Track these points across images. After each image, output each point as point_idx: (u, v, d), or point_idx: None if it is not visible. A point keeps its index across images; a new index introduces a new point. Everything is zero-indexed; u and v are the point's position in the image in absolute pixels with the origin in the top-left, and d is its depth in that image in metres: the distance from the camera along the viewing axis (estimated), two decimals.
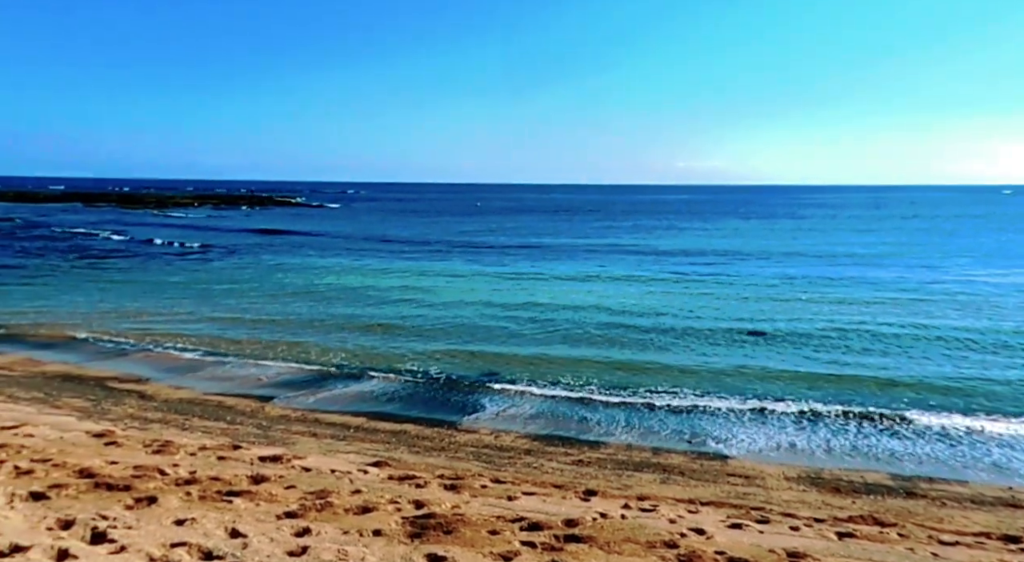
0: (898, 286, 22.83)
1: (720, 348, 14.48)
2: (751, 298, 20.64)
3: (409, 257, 31.90)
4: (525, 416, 10.28)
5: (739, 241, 41.11)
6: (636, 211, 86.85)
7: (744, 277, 25.21)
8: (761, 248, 36.42)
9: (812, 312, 18.32)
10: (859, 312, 18.23)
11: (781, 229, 53.50)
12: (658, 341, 15.02)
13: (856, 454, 8.77)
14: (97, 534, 4.28)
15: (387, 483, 6.22)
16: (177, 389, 10.93)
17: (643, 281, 24.14)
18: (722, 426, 9.91)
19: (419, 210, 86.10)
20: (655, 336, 15.47)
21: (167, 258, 30.49)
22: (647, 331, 16.01)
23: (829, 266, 28.79)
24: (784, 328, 16.30)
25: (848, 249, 36.07)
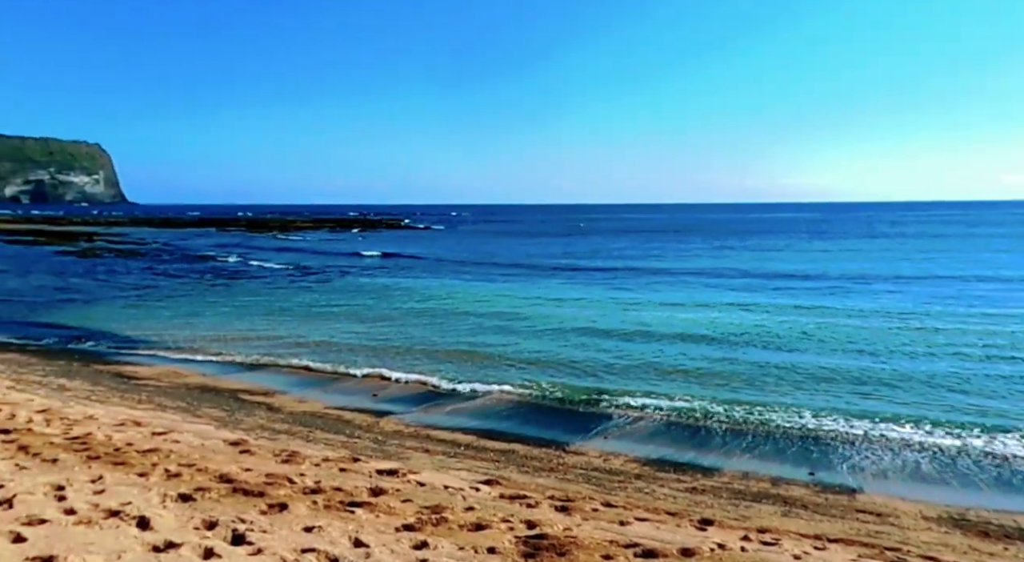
0: None
1: (844, 376, 13.61)
2: (881, 325, 19.31)
3: (514, 279, 32.31)
4: (634, 440, 10.10)
5: (865, 263, 38.63)
6: (746, 230, 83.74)
7: (873, 301, 23.64)
8: (891, 270, 34.01)
9: (952, 338, 16.88)
10: (1007, 340, 16.61)
11: (909, 249, 49.87)
12: (775, 367, 14.32)
13: (1007, 494, 7.95)
14: (237, 536, 4.60)
15: (498, 501, 6.28)
16: (300, 402, 11.59)
17: (758, 305, 23.16)
18: (848, 456, 9.29)
19: (523, 231, 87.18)
20: (771, 361, 14.77)
21: (289, 279, 32.52)
22: (763, 356, 15.32)
23: (968, 288, 26.49)
24: (918, 353, 15.12)
25: (995, 271, 33.06)
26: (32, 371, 12.45)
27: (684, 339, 17.17)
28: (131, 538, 4.38)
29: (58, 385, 11.15)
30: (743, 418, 10.91)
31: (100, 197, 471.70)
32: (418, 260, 43.71)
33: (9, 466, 5.85)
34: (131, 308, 23.05)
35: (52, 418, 8.13)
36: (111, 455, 6.55)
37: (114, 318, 20.82)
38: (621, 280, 31.10)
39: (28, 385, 10.84)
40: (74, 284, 30.00)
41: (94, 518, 4.67)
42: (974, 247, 49.59)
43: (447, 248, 54.30)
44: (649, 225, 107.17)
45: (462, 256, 45.94)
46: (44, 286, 29.01)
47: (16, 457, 6.19)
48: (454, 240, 66.33)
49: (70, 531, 4.40)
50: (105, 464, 6.20)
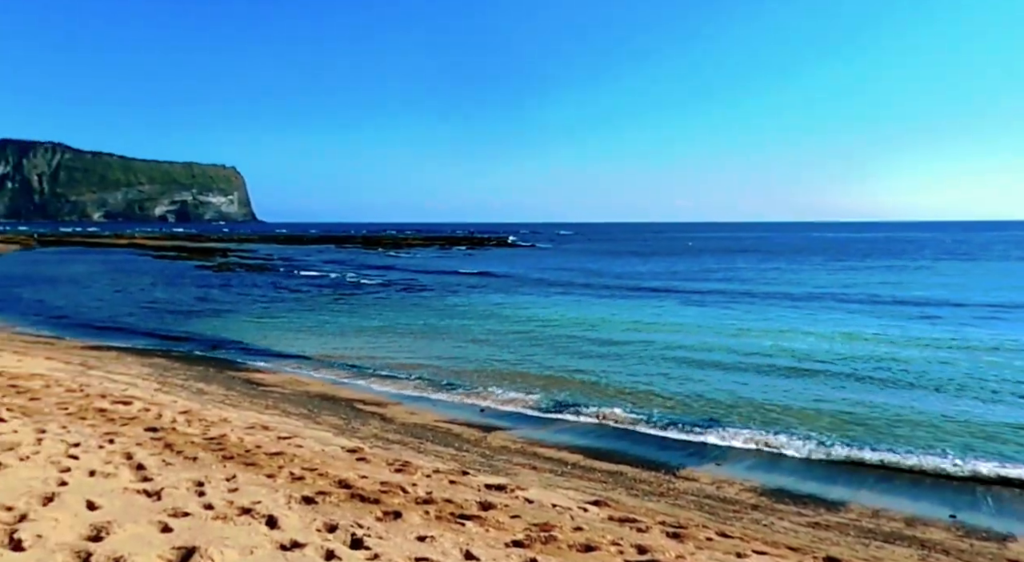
0: None
1: (991, 407, 12.38)
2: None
3: (621, 299, 31.91)
4: (749, 468, 9.63)
5: (1011, 292, 35.17)
6: (867, 251, 78.47)
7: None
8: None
9: None
10: None
11: None
12: (910, 396, 13.26)
13: None
14: (356, 540, 4.78)
15: (607, 523, 6.17)
16: (411, 414, 11.95)
17: (892, 333, 21.58)
18: (997, 499, 8.41)
19: (630, 251, 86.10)
20: (905, 390, 13.70)
21: (401, 295, 33.76)
22: (895, 384, 14.24)
23: None
24: None
25: None
26: (175, 375, 13.61)
27: (805, 367, 16.25)
28: (261, 535, 4.66)
29: (197, 389, 12.12)
30: (872, 452, 10.15)
31: (234, 216, 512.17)
32: (524, 279, 44.15)
33: (157, 461, 6.40)
34: (259, 319, 24.75)
35: (192, 419, 8.84)
36: (243, 456, 7.02)
37: (244, 328, 22.43)
38: (735, 303, 29.95)
39: (172, 388, 11.86)
40: (210, 296, 32.64)
41: (229, 514, 5.01)
42: None
43: (553, 267, 54.50)
44: (763, 244, 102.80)
45: (567, 275, 45.93)
46: (184, 298, 31.75)
47: (163, 454, 6.77)
48: (561, 259, 66.48)
49: (209, 525, 4.75)
50: (238, 464, 6.66)
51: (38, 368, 12.16)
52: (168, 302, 29.98)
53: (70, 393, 9.82)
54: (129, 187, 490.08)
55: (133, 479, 5.74)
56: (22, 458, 6.00)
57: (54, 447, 6.49)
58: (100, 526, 4.42)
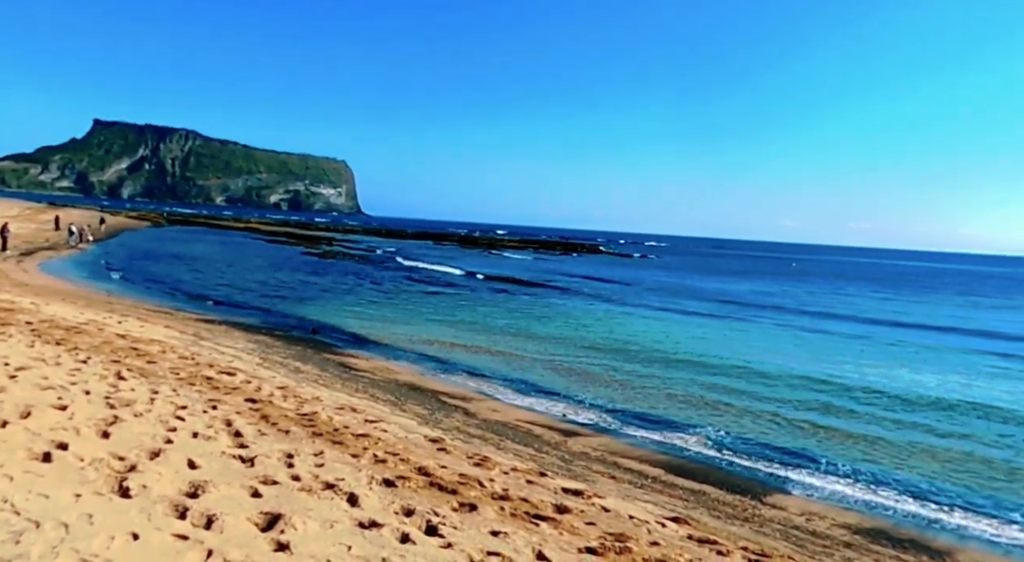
0: None
1: None
2: None
3: (716, 315, 30.90)
4: (843, 504, 9.05)
5: None
6: (996, 288, 72.08)
7: None
8: None
9: None
10: None
11: None
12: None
13: None
14: (431, 527, 4.85)
15: (686, 542, 5.95)
16: (494, 411, 12.03)
17: (1005, 368, 19.76)
18: None
19: (732, 269, 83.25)
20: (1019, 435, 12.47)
21: (493, 294, 34.14)
22: (1007, 428, 12.99)
23: None
24: None
25: None
26: (276, 352, 14.35)
27: (903, 403, 15.12)
28: (342, 511, 4.81)
29: (294, 367, 12.73)
30: (985, 506, 9.28)
31: (341, 208, 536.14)
32: (615, 284, 43.59)
33: (253, 431, 6.75)
34: (356, 306, 25.74)
35: (288, 395, 9.28)
36: (331, 434, 7.28)
37: (342, 314, 23.39)
38: (840, 328, 28.31)
39: (272, 364, 12.51)
40: (314, 281, 34.28)
41: (314, 487, 5.21)
42: None
43: (650, 277, 53.52)
44: (867, 272, 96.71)
45: (661, 287, 44.98)
46: (290, 281, 33.50)
47: (259, 424, 7.14)
48: (658, 270, 65.25)
49: (295, 495, 4.95)
50: (326, 441, 6.92)
51: (157, 335, 13.16)
52: (275, 284, 31.73)
53: (182, 360, 10.56)
54: (249, 175, 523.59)
55: (231, 444, 6.08)
56: (136, 414, 6.49)
57: (164, 407, 6.99)
58: (198, 484, 4.70)
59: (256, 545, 3.91)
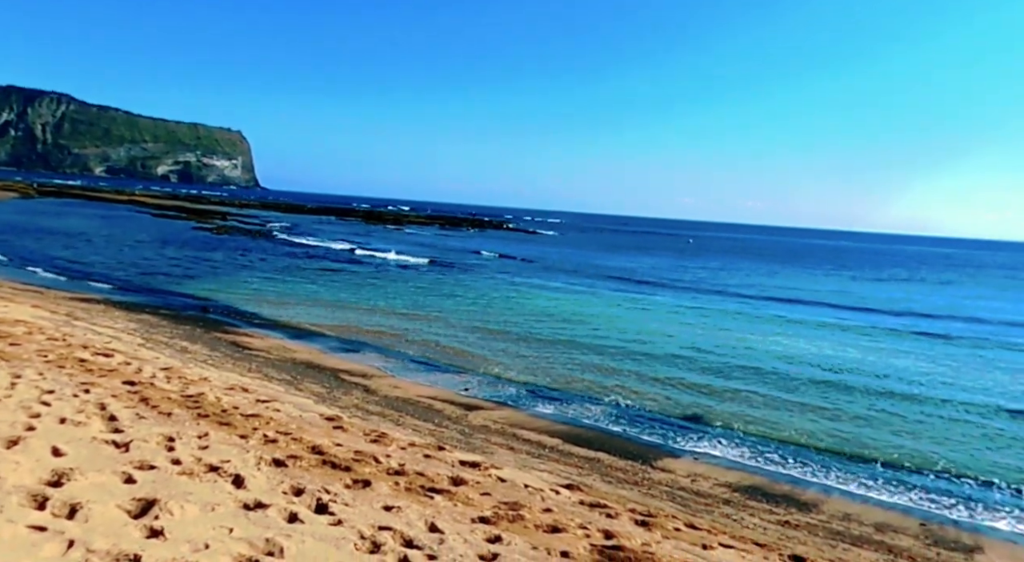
0: None
1: (967, 421, 12.40)
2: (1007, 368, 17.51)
3: (617, 289, 31.90)
4: (726, 465, 9.65)
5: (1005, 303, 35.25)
6: (884, 262, 78.42)
7: (1001, 341, 21.50)
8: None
9: None
10: None
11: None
12: (889, 404, 13.28)
13: None
14: (321, 505, 4.76)
15: (578, 507, 6.16)
16: (395, 387, 11.93)
17: (874, 337, 21.62)
18: (970, 513, 8.43)
19: (631, 245, 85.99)
20: (887, 401, 13.71)
21: (399, 271, 33.68)
22: (876, 392, 14.26)
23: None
24: None
25: None
26: (161, 332, 13.55)
27: (791, 366, 16.27)
28: (226, 493, 4.63)
29: (181, 347, 12.08)
30: (850, 458, 10.17)
31: (236, 181, 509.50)
32: (529, 261, 44.07)
33: (131, 415, 6.36)
34: (253, 284, 24.68)
35: (172, 376, 8.80)
36: (218, 415, 6.98)
37: (235, 292, 22.36)
38: (732, 302, 29.94)
39: (156, 344, 11.81)
40: (205, 257, 32.53)
41: (196, 471, 4.98)
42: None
43: (558, 253, 54.45)
44: (758, 247, 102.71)
45: (571, 262, 45.92)
46: (180, 257, 31.63)
47: (138, 407, 6.73)
48: (565, 246, 66.42)
49: (174, 480, 4.72)
50: (212, 423, 6.62)
51: (23, 315, 12.10)
52: (163, 261, 29.88)
53: (51, 341, 9.76)
54: (133, 144, 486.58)
55: (103, 429, 5.70)
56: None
57: (27, 393, 6.45)
58: (62, 472, 4.38)
59: (125, 533, 3.69)
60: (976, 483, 9.35)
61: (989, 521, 8.20)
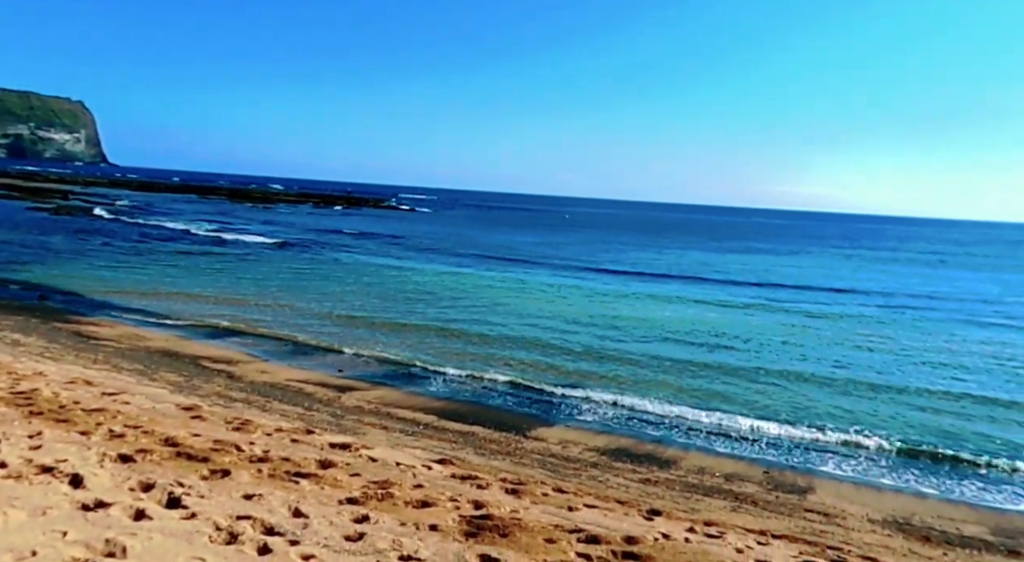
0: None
1: (810, 379, 13.76)
2: (841, 333, 19.58)
3: (493, 266, 32.25)
4: (595, 430, 10.11)
5: (843, 275, 39.12)
6: (738, 235, 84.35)
7: (836, 311, 23.96)
8: (857, 283, 34.49)
9: (910, 347, 17.16)
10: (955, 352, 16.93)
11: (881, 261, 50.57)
12: (742, 368, 14.43)
13: (953, 502, 8.07)
14: (173, 499, 4.49)
15: (449, 481, 6.23)
16: (262, 373, 11.44)
17: (731, 306, 23.35)
18: (804, 458, 9.40)
19: (508, 220, 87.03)
20: (739, 362, 14.88)
21: (267, 251, 32.12)
22: (731, 357, 15.43)
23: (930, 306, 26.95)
24: (875, 365, 15.34)
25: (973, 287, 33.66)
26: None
27: (656, 335, 17.24)
28: (60, 495, 4.26)
29: (12, 340, 10.89)
30: (707, 416, 10.98)
31: (80, 156, 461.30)
32: (399, 240, 43.42)
33: None
34: (100, 269, 22.62)
35: (0, 372, 7.93)
36: (55, 412, 6.39)
37: (82, 277, 20.41)
38: (601, 274, 31.15)
39: None
40: (43, 241, 29.36)
41: (25, 473, 4.54)
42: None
43: (430, 231, 54.03)
44: (636, 222, 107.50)
45: (443, 240, 45.74)
46: (11, 241, 28.35)
47: None
48: (438, 224, 66.03)
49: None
50: (47, 420, 6.05)
51: None
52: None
53: None
54: None
55: None
56: None
57: None
58: None
59: None
60: (811, 431, 10.41)
61: (819, 465, 9.18)
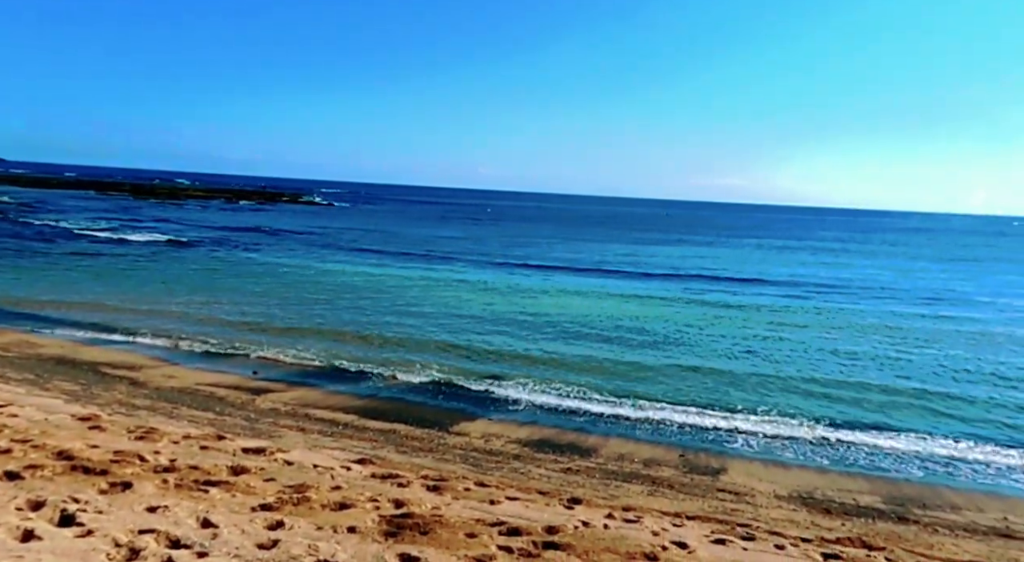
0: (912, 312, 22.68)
1: (720, 365, 14.34)
2: (752, 319, 20.53)
3: (412, 261, 31.92)
4: (518, 423, 10.18)
5: (749, 264, 40.94)
6: (644, 226, 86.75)
7: (748, 297, 25.10)
8: (757, 270, 36.25)
9: (811, 334, 18.18)
10: (858, 336, 18.09)
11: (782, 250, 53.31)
12: (658, 357, 14.88)
13: (851, 476, 8.62)
14: (66, 516, 4.21)
15: (369, 481, 6.13)
16: (169, 378, 10.89)
17: (648, 297, 24.04)
18: (717, 441, 9.79)
19: (429, 215, 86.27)
20: (655, 352, 15.34)
21: (169, 250, 30.59)
22: (648, 346, 15.89)
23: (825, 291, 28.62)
24: (781, 349, 16.18)
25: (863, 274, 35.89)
26: None
27: (575, 328, 17.53)
28: None
29: None
30: (627, 405, 11.26)
31: None
32: (316, 236, 42.28)
33: None
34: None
35: None
36: None
37: None
38: (522, 268, 31.37)
39: None
40: None
41: None
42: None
43: (349, 226, 52.86)
44: (557, 215, 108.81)
45: (362, 236, 44.87)
46: None
47: None
48: (358, 219, 64.69)
49: None
50: None
51: None
52: None
53: None
54: None
55: None
56: None
57: None
58: None
59: None
60: (724, 414, 10.86)
61: (731, 445, 9.60)
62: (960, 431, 10.58)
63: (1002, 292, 29.49)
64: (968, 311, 23.25)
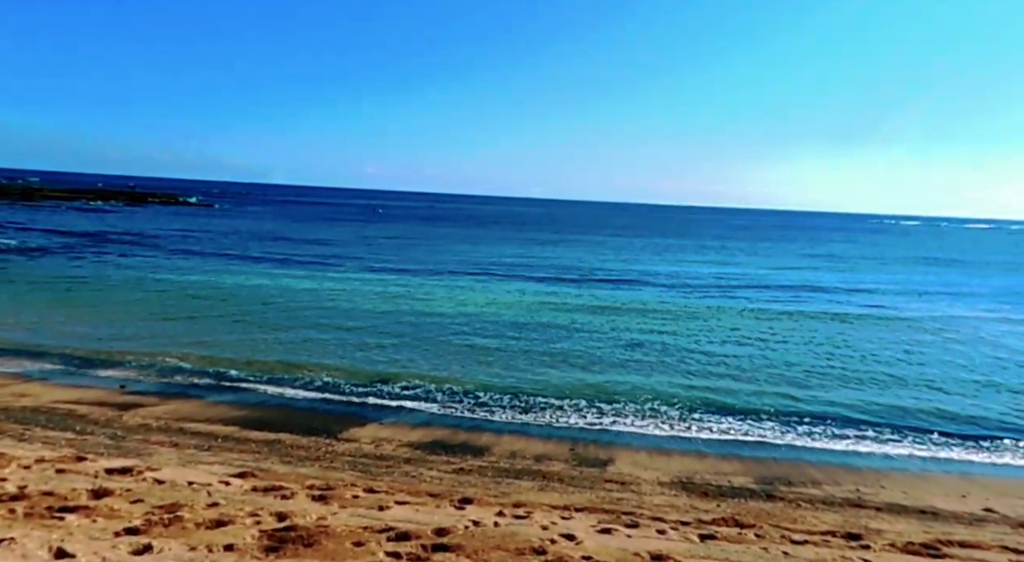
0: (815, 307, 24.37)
1: (607, 361, 14.84)
2: (648, 316, 21.40)
3: (298, 264, 30.82)
4: (410, 425, 10.05)
5: (649, 260, 42.54)
6: (566, 225, 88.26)
7: (644, 296, 26.12)
8: (657, 268, 37.90)
9: (701, 328, 19.21)
10: (761, 331, 19.30)
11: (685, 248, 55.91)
12: (549, 355, 15.18)
13: (727, 459, 9.17)
14: None
15: (249, 495, 5.85)
16: (21, 396, 9.89)
17: (538, 296, 24.47)
18: (605, 434, 10.11)
19: (316, 215, 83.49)
20: (547, 350, 15.64)
21: (23, 260, 27.85)
22: (539, 345, 16.17)
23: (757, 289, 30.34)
24: (672, 344, 16.98)
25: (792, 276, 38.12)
26: None
27: (467, 329, 17.56)
28: None
29: None
30: (519, 402, 11.39)
31: None
32: (191, 240, 39.81)
33: None
34: None
35: None
36: None
37: None
38: (406, 269, 31.05)
39: None
40: None
41: None
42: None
43: (231, 228, 50.19)
44: (449, 215, 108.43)
45: (245, 239, 42.74)
46: None
47: None
48: (240, 219, 61.54)
49: None
50: None
51: None
52: None
53: None
54: None
55: None
56: None
57: None
58: None
59: None
60: (611, 407, 11.25)
61: (618, 437, 9.96)
62: (818, 411, 11.54)
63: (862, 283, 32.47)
64: (825, 303, 25.40)
